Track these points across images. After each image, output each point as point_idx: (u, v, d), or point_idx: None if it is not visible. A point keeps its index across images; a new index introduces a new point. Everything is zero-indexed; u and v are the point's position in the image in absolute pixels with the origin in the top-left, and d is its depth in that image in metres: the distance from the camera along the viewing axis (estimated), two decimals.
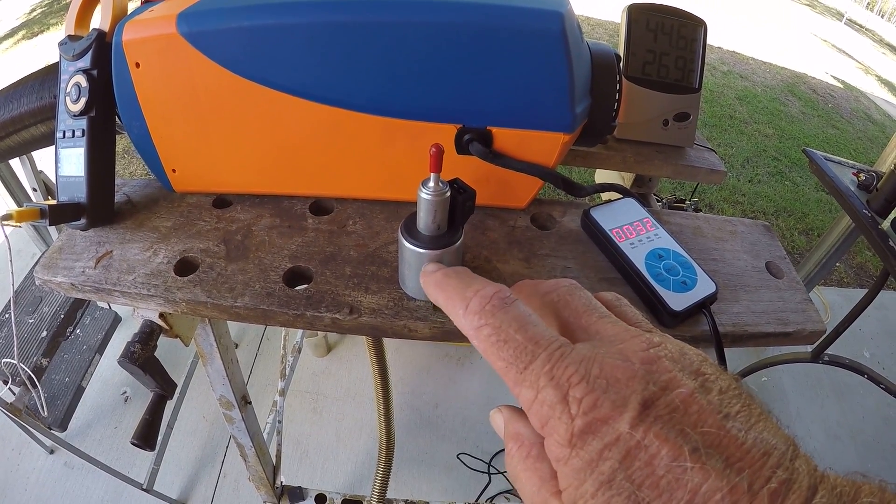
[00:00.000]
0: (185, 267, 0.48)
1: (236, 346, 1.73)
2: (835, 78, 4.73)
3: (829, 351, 1.31)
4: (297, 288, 0.46)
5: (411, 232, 0.39)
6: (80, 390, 1.27)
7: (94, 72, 0.47)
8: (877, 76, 5.17)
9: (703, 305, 0.46)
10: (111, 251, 0.49)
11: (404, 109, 0.45)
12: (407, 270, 0.42)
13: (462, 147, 0.47)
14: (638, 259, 0.48)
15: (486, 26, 0.41)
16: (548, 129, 0.46)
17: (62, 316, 1.22)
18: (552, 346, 0.21)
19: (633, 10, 0.69)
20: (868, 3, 7.86)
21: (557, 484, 0.20)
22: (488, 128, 0.46)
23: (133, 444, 0.54)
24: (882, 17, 7.56)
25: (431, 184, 0.35)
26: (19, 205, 1.39)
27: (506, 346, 0.22)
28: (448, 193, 0.36)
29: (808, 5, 7.87)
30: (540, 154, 0.47)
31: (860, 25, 7.24)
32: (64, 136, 0.49)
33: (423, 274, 0.27)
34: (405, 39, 0.42)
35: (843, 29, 6.84)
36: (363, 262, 0.48)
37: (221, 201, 0.54)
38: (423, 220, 0.37)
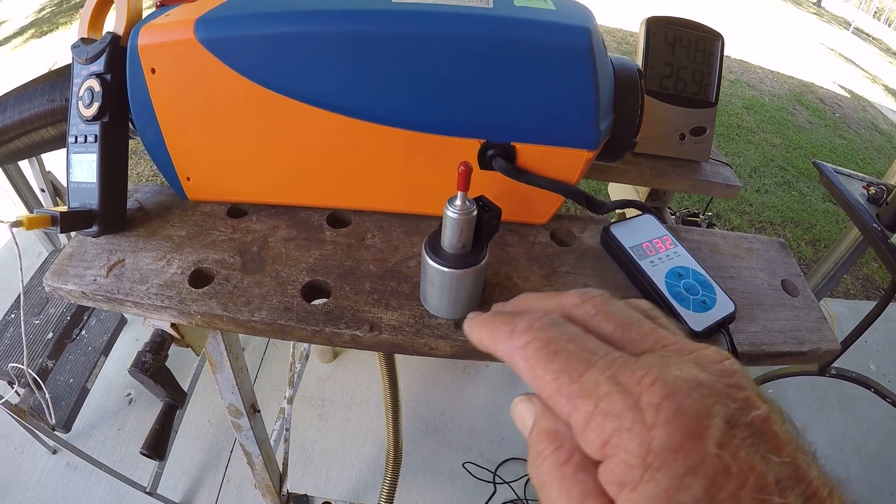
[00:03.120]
0: (199, 278, 0.47)
1: (242, 349, 1.72)
2: (842, 87, 4.72)
3: (835, 364, 1.29)
4: (314, 302, 0.45)
5: (435, 250, 0.38)
6: (84, 392, 1.26)
7: (108, 76, 0.46)
8: (884, 85, 5.16)
9: (722, 325, 0.46)
10: (123, 260, 0.48)
11: (427, 123, 0.45)
12: (430, 287, 0.41)
13: (485, 162, 0.46)
14: (658, 278, 0.47)
15: (512, 41, 0.40)
16: (572, 146, 0.45)
17: (68, 318, 1.21)
18: (611, 355, 0.18)
19: (651, 23, 0.68)
20: (875, 13, 7.85)
21: (605, 502, 0.17)
22: (512, 143, 0.45)
23: (142, 453, 0.53)
24: (889, 26, 7.54)
25: (458, 202, 0.35)
26: (27, 205, 1.38)
27: (556, 357, 0.19)
28: (475, 212, 0.35)
29: (815, 14, 7.86)
30: (563, 170, 0.47)
31: (867, 34, 7.23)
32: (76, 141, 0.48)
33: (468, 319, 0.25)
34: (430, 52, 0.41)
35: (850, 38, 6.83)
36: (383, 276, 0.47)
37: (236, 210, 0.53)
38: (449, 239, 0.37)
